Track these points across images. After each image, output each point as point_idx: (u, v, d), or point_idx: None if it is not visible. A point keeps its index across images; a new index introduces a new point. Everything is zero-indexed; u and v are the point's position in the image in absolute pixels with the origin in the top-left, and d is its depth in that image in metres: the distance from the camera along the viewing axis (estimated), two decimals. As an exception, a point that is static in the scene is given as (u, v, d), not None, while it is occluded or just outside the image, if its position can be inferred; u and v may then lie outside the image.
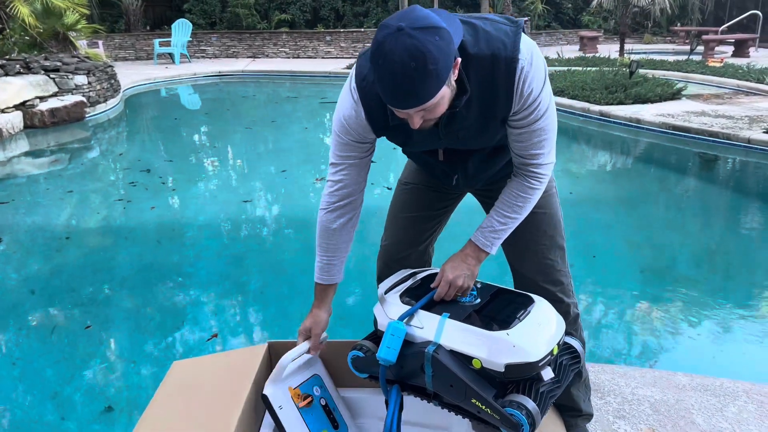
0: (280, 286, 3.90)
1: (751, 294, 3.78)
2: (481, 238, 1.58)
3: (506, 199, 1.55)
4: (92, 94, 9.50)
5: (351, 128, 1.48)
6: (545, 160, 1.50)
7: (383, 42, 1.18)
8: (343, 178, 1.56)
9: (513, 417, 1.36)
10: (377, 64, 1.20)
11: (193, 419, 1.51)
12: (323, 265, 1.67)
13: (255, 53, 17.13)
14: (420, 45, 1.15)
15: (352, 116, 1.46)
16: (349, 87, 1.46)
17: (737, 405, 2.24)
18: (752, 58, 13.62)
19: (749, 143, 6.72)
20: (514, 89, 1.35)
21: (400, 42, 1.16)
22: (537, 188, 1.53)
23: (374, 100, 1.39)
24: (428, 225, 1.86)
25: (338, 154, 1.54)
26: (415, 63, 1.16)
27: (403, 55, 1.16)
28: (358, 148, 1.53)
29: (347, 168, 1.55)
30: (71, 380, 2.90)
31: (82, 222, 5.05)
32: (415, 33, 1.16)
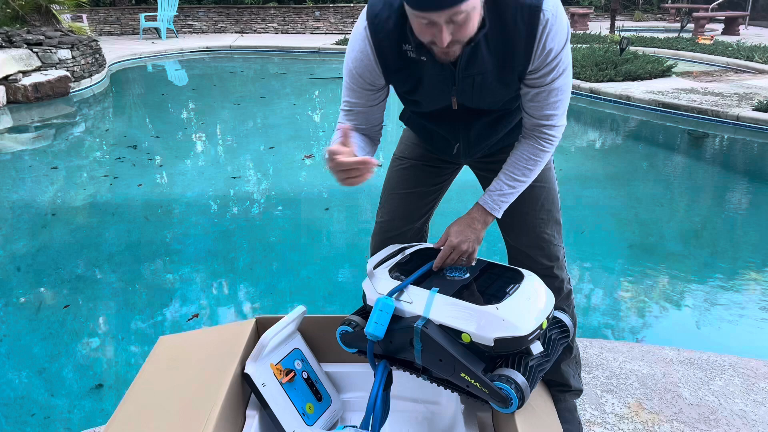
0: (269, 262, 3.88)
1: (738, 269, 3.81)
2: (489, 201, 1.53)
3: (516, 161, 1.51)
4: (76, 69, 9.34)
5: (359, 73, 1.42)
6: (559, 122, 1.47)
7: None
8: (357, 123, 1.54)
9: (502, 391, 1.36)
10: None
11: (180, 395, 1.49)
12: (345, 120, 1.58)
13: (243, 28, 16.87)
14: None
15: (361, 59, 1.40)
16: (360, 26, 1.39)
17: (723, 378, 2.27)
18: (742, 35, 13.61)
19: (738, 120, 6.74)
20: (535, 41, 1.30)
21: None
22: (548, 151, 1.50)
23: (386, 38, 1.35)
24: (425, 201, 1.83)
25: (347, 99, 1.51)
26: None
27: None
28: (367, 96, 1.48)
29: (356, 115, 1.52)
30: (59, 357, 2.89)
31: (67, 198, 4.98)
32: None
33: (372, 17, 1.35)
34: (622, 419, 2.04)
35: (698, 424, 2.01)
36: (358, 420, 1.63)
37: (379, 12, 1.34)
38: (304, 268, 3.80)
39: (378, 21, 1.34)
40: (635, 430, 1.99)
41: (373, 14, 1.35)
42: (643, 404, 2.11)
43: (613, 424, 2.02)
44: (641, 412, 2.07)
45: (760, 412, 2.07)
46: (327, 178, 5.49)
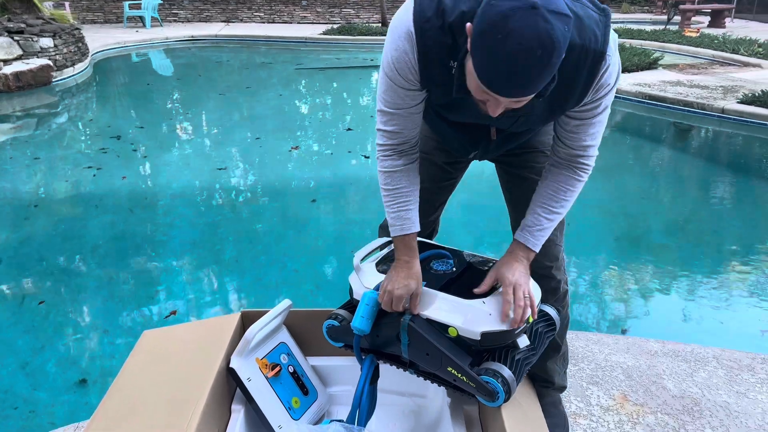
0: (255, 255, 3.86)
1: (722, 262, 3.85)
2: (530, 237, 1.46)
3: (552, 193, 1.44)
4: (59, 58, 9.19)
5: (401, 72, 1.29)
6: (595, 152, 1.41)
7: (510, 16, 1.01)
8: (395, 128, 1.40)
9: (488, 384, 1.36)
10: (494, 35, 1.02)
11: (164, 389, 1.48)
12: (397, 213, 1.45)
13: (229, 17, 16.70)
14: (553, 33, 1.01)
15: (402, 59, 1.27)
16: (402, 29, 1.25)
17: (707, 370, 2.29)
18: (728, 28, 13.70)
19: (723, 113, 6.79)
20: (593, 84, 1.25)
21: (533, 23, 1.00)
22: (583, 180, 1.44)
23: (433, 49, 1.24)
24: (437, 196, 1.80)
25: (388, 100, 1.36)
26: (542, 52, 1.02)
27: (532, 40, 1.00)
28: (409, 96, 1.35)
29: (398, 118, 1.39)
30: (42, 350, 2.85)
31: (50, 190, 4.92)
32: (551, 17, 1.01)
33: (421, 21, 1.23)
34: (607, 411, 2.05)
35: (682, 415, 2.03)
36: (344, 414, 1.63)
37: (430, 18, 1.21)
38: (291, 261, 3.78)
39: (428, 27, 1.22)
40: (620, 421, 2.00)
41: (424, 18, 1.22)
42: (628, 396, 2.13)
43: (599, 416, 2.03)
44: (626, 404, 2.09)
45: (743, 403, 2.09)
46: (313, 170, 5.46)
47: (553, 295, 1.66)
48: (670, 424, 1.99)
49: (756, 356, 2.39)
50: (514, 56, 1.02)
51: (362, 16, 16.61)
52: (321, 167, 5.52)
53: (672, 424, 1.99)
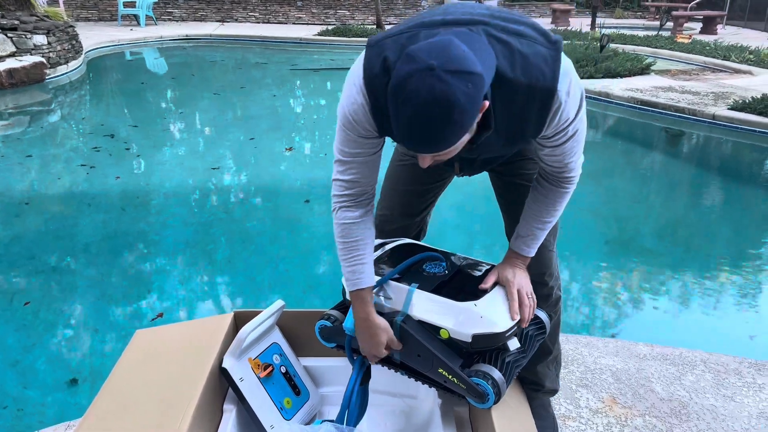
0: (248, 255, 3.86)
1: (711, 266, 3.89)
2: (525, 247, 1.51)
3: (542, 207, 1.48)
4: (52, 55, 9.15)
5: (358, 123, 1.31)
6: (577, 165, 1.43)
7: (408, 78, 1.05)
8: (354, 177, 1.41)
9: (479, 386, 1.38)
10: (397, 99, 1.08)
11: (156, 389, 1.48)
12: (352, 266, 1.45)
13: (224, 17, 16.67)
14: (449, 92, 1.04)
15: (359, 112, 1.30)
16: (356, 83, 1.28)
17: (695, 374, 2.31)
18: (719, 35, 13.80)
19: (714, 119, 6.85)
20: (546, 120, 1.25)
21: (428, 84, 1.04)
22: (570, 191, 1.48)
23: (383, 102, 1.25)
24: (425, 197, 1.82)
25: (345, 150, 1.38)
26: (440, 110, 1.05)
27: (427, 99, 1.04)
28: (368, 144, 1.36)
29: (358, 166, 1.39)
30: (32, 348, 2.85)
31: (42, 187, 4.90)
32: (447, 77, 1.04)
33: (370, 78, 1.25)
34: (596, 413, 2.07)
35: (670, 418, 2.05)
36: (336, 414, 1.64)
37: (377, 74, 1.24)
38: (283, 262, 3.78)
39: (376, 83, 1.25)
40: (609, 424, 2.02)
41: (372, 74, 1.25)
42: (616, 399, 2.15)
43: (588, 418, 2.05)
44: (615, 407, 2.11)
45: (730, 407, 2.12)
46: (307, 170, 5.47)
47: (546, 301, 1.68)
48: (658, 426, 2.01)
49: (743, 360, 2.42)
50: (413, 118, 1.07)
51: (357, 18, 16.62)
52: (314, 168, 5.53)
53: (660, 427, 2.01)
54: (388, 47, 1.23)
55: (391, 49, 1.22)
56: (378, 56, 1.24)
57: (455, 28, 1.19)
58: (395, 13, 16.71)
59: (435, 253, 1.65)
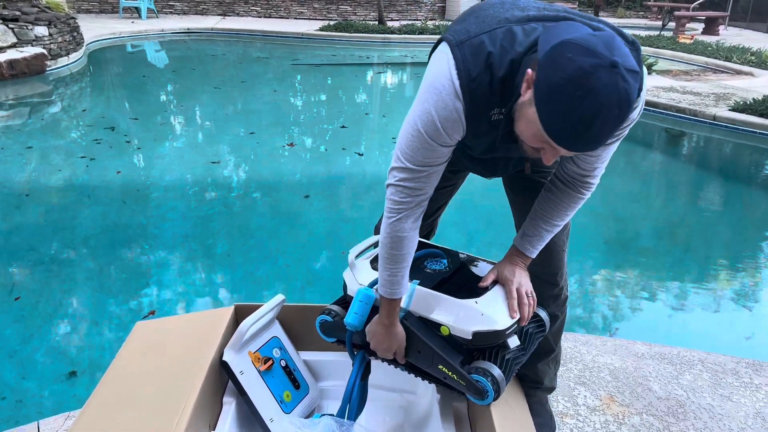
0: (248, 249, 3.86)
1: (709, 267, 3.89)
2: (529, 247, 1.49)
3: (555, 208, 1.46)
4: (53, 47, 9.13)
5: (447, 131, 1.22)
6: (601, 173, 1.42)
7: (591, 74, 0.99)
8: (420, 185, 1.32)
9: (478, 383, 1.38)
10: (570, 94, 1.00)
11: (157, 381, 1.49)
12: (397, 277, 1.41)
13: (225, 11, 16.62)
14: (631, 92, 1.01)
15: (452, 118, 1.20)
16: (448, 88, 1.18)
17: (692, 373, 2.32)
18: (722, 36, 13.79)
19: (714, 120, 6.85)
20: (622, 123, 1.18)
21: (615, 83, 0.99)
22: (586, 197, 1.46)
23: (482, 105, 1.19)
24: (438, 201, 1.81)
25: (419, 159, 1.28)
26: (619, 111, 1.01)
27: (613, 99, 0.99)
28: (444, 153, 1.29)
29: (428, 176, 1.31)
30: (31, 340, 2.85)
31: (42, 179, 4.89)
32: (628, 77, 1.00)
33: (468, 80, 1.17)
34: (593, 411, 2.08)
35: (667, 417, 2.06)
36: (335, 408, 1.64)
37: (477, 77, 1.16)
38: (283, 256, 3.79)
39: (476, 86, 1.17)
40: (606, 422, 2.03)
41: (470, 77, 1.17)
42: (614, 397, 2.16)
43: (585, 416, 2.06)
44: (612, 405, 2.12)
45: (727, 407, 2.13)
46: (307, 166, 5.47)
47: (555, 301, 1.68)
48: (655, 425, 2.02)
49: (740, 360, 2.43)
50: (593, 116, 1.01)
51: (359, 14, 16.59)
52: (315, 163, 5.53)
53: (657, 425, 2.02)
54: (488, 44, 1.16)
55: (492, 46, 1.16)
56: (477, 55, 1.16)
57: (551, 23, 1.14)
58: (397, 10, 16.68)
59: (437, 250, 1.65)
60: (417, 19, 16.55)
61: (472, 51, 1.17)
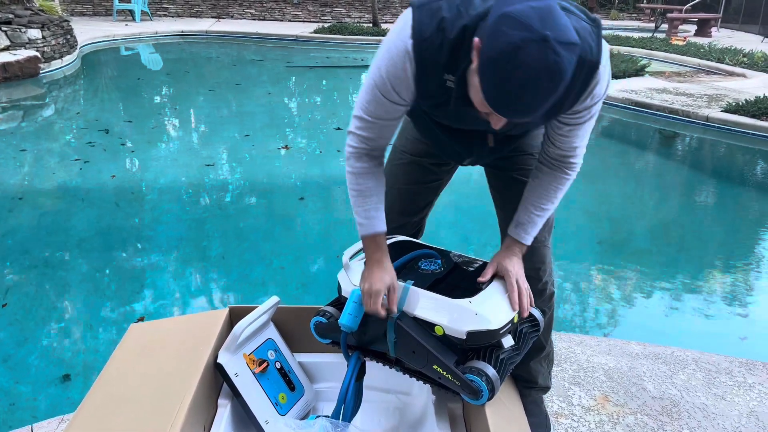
0: (242, 251, 3.86)
1: (702, 267, 3.91)
2: (523, 234, 1.53)
3: (543, 192, 1.51)
4: (47, 50, 9.10)
5: (395, 88, 1.31)
6: (582, 152, 1.46)
7: (521, 48, 1.03)
8: (373, 135, 1.43)
9: (473, 383, 1.38)
10: (502, 67, 1.05)
11: (151, 383, 1.49)
12: (366, 212, 1.48)
13: (219, 13, 16.62)
14: (562, 65, 1.05)
15: (400, 77, 1.28)
16: (400, 47, 1.25)
17: (686, 373, 2.33)
18: (714, 37, 13.86)
19: (707, 121, 6.88)
20: (585, 92, 1.29)
21: (543, 56, 1.03)
22: (572, 177, 1.50)
23: (431, 66, 1.25)
24: (424, 196, 1.82)
25: (371, 110, 1.38)
26: (549, 83, 1.06)
27: (542, 73, 1.04)
28: (394, 110, 1.37)
29: (379, 128, 1.41)
30: (25, 343, 2.84)
31: (36, 182, 4.88)
32: (561, 49, 1.04)
33: (420, 40, 1.23)
34: (588, 411, 2.08)
35: (661, 416, 2.07)
36: (330, 410, 1.64)
37: (429, 37, 1.22)
38: (278, 258, 3.78)
39: (426, 46, 1.23)
40: (601, 421, 2.04)
41: (422, 37, 1.23)
42: (609, 397, 2.17)
43: (580, 415, 2.06)
44: (607, 405, 2.12)
45: (720, 406, 2.14)
46: (302, 168, 5.47)
47: (540, 296, 1.69)
48: (650, 424, 2.03)
49: (734, 360, 2.44)
50: (523, 87, 1.06)
51: (353, 16, 16.61)
52: (309, 165, 5.53)
53: (651, 425, 2.02)
54: (444, 9, 1.21)
55: (448, 10, 1.21)
56: (432, 18, 1.22)
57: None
58: (392, 12, 16.71)
59: (430, 251, 1.66)
60: (411, 21, 16.56)
61: (429, 14, 1.23)
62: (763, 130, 6.50)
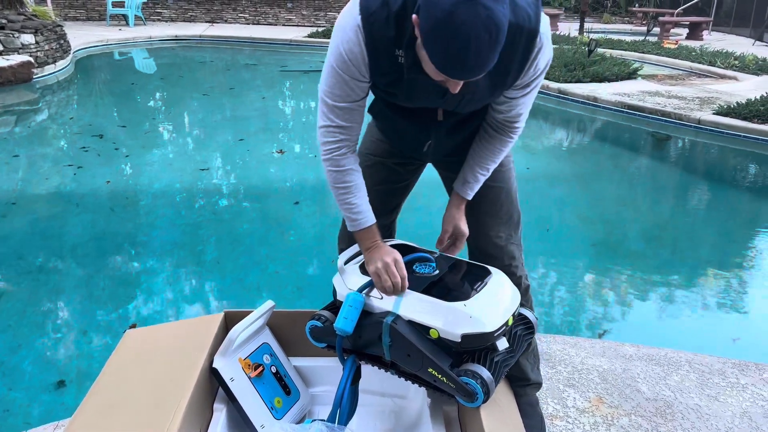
0: (237, 256, 3.86)
1: (695, 268, 3.93)
2: (469, 192, 1.65)
3: (488, 153, 1.60)
4: (40, 55, 9.09)
5: (353, 63, 1.34)
6: (525, 117, 1.56)
7: (453, 12, 1.09)
8: (344, 122, 1.45)
9: (468, 386, 1.39)
10: (442, 33, 1.11)
11: (147, 388, 1.49)
12: (355, 207, 1.53)
13: (213, 18, 16.62)
14: (496, 17, 1.10)
15: (354, 51, 1.32)
16: (350, 23, 1.31)
17: (680, 374, 2.35)
18: (705, 41, 13.96)
19: (699, 124, 6.93)
20: (528, 62, 1.34)
21: (475, 13, 1.09)
22: (514, 140, 1.61)
23: (380, 40, 1.30)
24: (391, 197, 1.85)
25: (336, 93, 1.40)
26: (489, 36, 1.11)
27: (479, 29, 1.09)
28: (358, 88, 1.40)
29: (348, 112, 1.43)
30: (18, 350, 2.83)
31: (29, 187, 4.86)
32: (489, 3, 1.10)
33: (367, 14, 1.29)
34: (583, 413, 2.09)
35: (655, 417, 2.08)
36: (326, 414, 1.65)
37: (375, 11, 1.28)
38: (273, 262, 3.78)
39: (373, 20, 1.29)
40: (595, 423, 2.05)
41: (368, 12, 1.29)
42: (603, 398, 2.18)
43: (575, 417, 2.07)
44: (601, 406, 2.13)
45: (714, 407, 2.15)
46: (297, 172, 5.47)
47: None
48: (644, 426, 2.04)
49: (727, 361, 2.46)
50: (466, 47, 1.12)
51: (347, 20, 16.64)
52: (304, 169, 5.53)
53: (645, 426, 2.03)
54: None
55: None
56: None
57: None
58: (385, 16, 16.74)
59: (425, 254, 1.66)
60: (405, 25, 16.61)
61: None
62: (755, 132, 6.56)
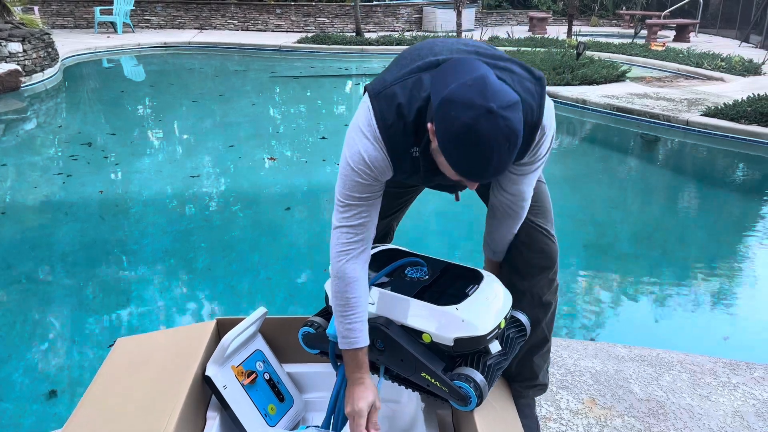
0: (229, 263, 3.84)
1: (686, 269, 3.96)
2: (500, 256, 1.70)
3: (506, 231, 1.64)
4: (28, 63, 9.04)
5: (377, 169, 1.37)
6: (531, 194, 1.57)
7: (473, 126, 1.14)
8: (362, 221, 1.42)
9: (461, 389, 1.39)
10: (464, 144, 1.16)
11: (139, 397, 1.48)
12: (350, 325, 1.44)
13: (202, 24, 16.60)
14: (513, 126, 1.16)
15: (378, 158, 1.35)
16: (369, 134, 1.34)
17: (672, 374, 2.36)
18: (692, 42, 14.08)
19: (687, 125, 6.98)
20: (529, 149, 1.39)
21: (496, 126, 1.14)
22: (523, 216, 1.60)
23: (400, 147, 1.35)
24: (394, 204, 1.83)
25: (355, 195, 1.40)
26: (509, 144, 1.16)
27: (500, 139, 1.15)
28: (377, 186, 1.42)
29: (367, 208, 1.42)
30: (8, 360, 2.80)
31: (18, 196, 4.83)
32: (507, 114, 1.15)
33: (385, 127, 1.32)
34: (576, 415, 2.10)
35: (647, 418, 2.09)
36: (320, 420, 1.64)
37: (392, 124, 1.32)
38: (265, 269, 3.77)
39: (392, 132, 1.32)
40: (588, 425, 2.05)
41: (386, 125, 1.32)
42: (596, 400, 2.19)
43: (568, 419, 2.08)
44: (594, 408, 2.14)
45: (706, 406, 2.16)
46: (288, 178, 5.46)
47: (549, 286, 1.71)
48: (637, 426, 2.05)
49: (718, 360, 2.47)
50: (488, 156, 1.17)
51: (336, 26, 16.67)
52: (295, 175, 5.53)
53: (638, 427, 2.04)
54: (399, 95, 1.31)
55: (402, 95, 1.31)
56: (390, 105, 1.32)
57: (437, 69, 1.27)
58: (374, 21, 16.79)
59: (417, 258, 1.67)
60: (394, 30, 16.66)
61: (387, 102, 1.33)
62: (742, 133, 6.62)
